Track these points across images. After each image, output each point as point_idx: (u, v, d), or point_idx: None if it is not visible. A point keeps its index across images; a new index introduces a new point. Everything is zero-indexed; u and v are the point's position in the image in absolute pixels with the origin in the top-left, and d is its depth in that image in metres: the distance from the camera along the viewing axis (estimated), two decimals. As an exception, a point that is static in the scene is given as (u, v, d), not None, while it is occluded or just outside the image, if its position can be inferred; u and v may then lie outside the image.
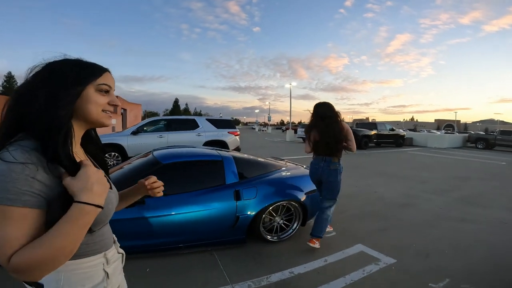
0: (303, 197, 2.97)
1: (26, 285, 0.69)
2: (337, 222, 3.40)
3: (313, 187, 3.02)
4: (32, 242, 0.56)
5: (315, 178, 2.86)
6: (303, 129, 19.53)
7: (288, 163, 3.78)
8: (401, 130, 18.82)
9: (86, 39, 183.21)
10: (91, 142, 0.83)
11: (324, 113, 2.76)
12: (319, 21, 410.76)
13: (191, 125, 8.08)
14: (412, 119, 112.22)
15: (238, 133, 8.64)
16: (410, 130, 29.47)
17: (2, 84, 37.68)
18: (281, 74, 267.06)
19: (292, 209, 2.97)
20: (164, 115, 78.35)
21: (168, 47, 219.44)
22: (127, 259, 0.95)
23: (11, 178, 0.55)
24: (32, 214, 0.58)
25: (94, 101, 0.69)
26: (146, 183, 0.99)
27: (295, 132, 21.68)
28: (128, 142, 7.31)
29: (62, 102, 0.63)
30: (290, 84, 22.95)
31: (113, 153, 7.15)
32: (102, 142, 0.89)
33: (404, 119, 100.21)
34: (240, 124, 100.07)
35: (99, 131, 0.92)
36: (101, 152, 0.88)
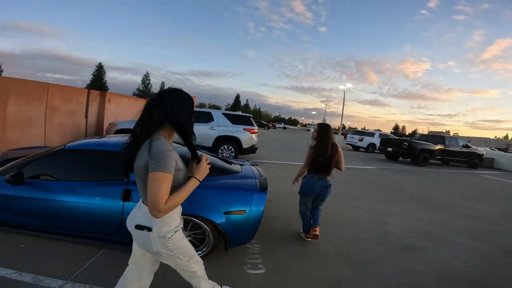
0: (219, 217, 2.26)
1: (137, 230, 1.34)
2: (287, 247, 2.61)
3: (242, 207, 2.31)
4: (172, 195, 1.23)
5: (311, 194, 3.00)
6: (358, 136, 17.33)
7: (249, 168, 3.12)
8: (479, 148, 15.09)
9: (165, 34, 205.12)
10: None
11: (328, 135, 2.90)
12: (396, 22, 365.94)
13: (207, 118, 7.87)
14: (507, 137, 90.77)
15: (255, 130, 8.08)
16: (500, 149, 23.61)
17: (93, 73, 45.07)
18: (347, 76, 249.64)
19: (203, 229, 2.31)
20: (225, 109, 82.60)
21: (235, 45, 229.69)
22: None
23: (170, 158, 1.23)
24: (171, 178, 1.23)
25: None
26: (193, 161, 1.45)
27: (345, 137, 19.74)
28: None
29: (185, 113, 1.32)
30: (345, 85, 21.00)
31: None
32: (122, 127, 4.28)
33: (496, 136, 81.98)
34: (299, 125, 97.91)
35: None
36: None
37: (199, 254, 2.30)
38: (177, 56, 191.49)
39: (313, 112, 69.61)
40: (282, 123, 61.54)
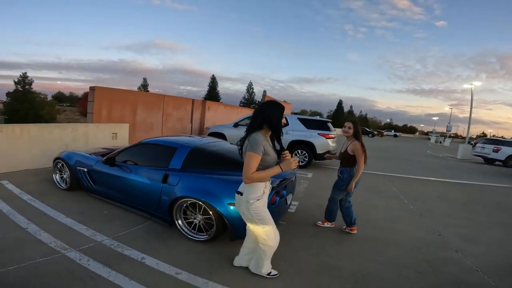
0: (222, 205, 2.49)
1: (236, 194, 1.98)
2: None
3: None
4: (258, 171, 1.82)
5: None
6: (492, 146, 13.45)
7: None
8: None
9: (266, 44, 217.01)
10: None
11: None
12: None
13: (283, 123, 8.09)
14: None
15: (331, 136, 7.68)
16: None
17: (209, 84, 52.88)
18: (488, 74, 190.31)
19: (211, 214, 2.57)
20: (327, 116, 79.95)
21: (333, 49, 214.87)
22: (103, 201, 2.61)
23: (259, 144, 1.81)
24: (258, 158, 1.80)
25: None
26: (283, 154, 1.94)
27: (473, 146, 15.42)
28: (229, 133, 8.54)
29: (277, 118, 1.90)
30: (472, 84, 16.46)
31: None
32: (213, 131, 3.84)
33: None
34: (417, 133, 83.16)
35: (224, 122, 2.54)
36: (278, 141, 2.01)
37: (205, 238, 2.60)
38: (279, 64, 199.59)
39: (435, 118, 56.95)
40: (393, 131, 53.82)
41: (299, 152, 7.71)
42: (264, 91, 61.21)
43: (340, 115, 67.33)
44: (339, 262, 2.54)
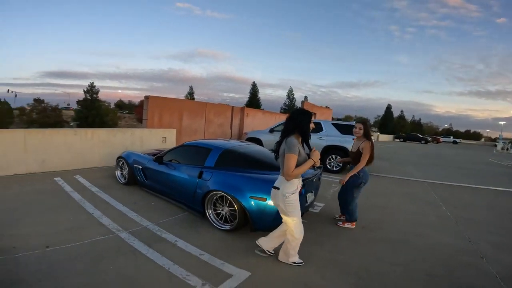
0: (244, 198, 2.86)
1: (273, 189, 2.33)
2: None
3: (263, 195, 2.78)
4: (296, 168, 2.17)
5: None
6: None
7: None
8: None
9: (306, 49, 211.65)
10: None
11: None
12: None
13: (317, 128, 8.20)
14: None
15: (367, 141, 7.53)
16: None
17: (250, 91, 53.76)
18: None
19: (235, 207, 2.95)
20: (374, 122, 75.18)
21: (379, 51, 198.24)
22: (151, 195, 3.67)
23: (295, 146, 2.19)
24: (296, 157, 2.17)
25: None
26: (310, 153, 2.31)
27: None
28: (265, 138, 8.94)
29: (306, 124, 2.28)
30: None
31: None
32: (250, 136, 5.00)
33: None
34: (483, 139, 73.11)
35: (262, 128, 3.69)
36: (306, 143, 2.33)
37: (229, 228, 2.99)
38: (321, 69, 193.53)
39: (502, 123, 49.53)
40: (452, 137, 48.31)
41: (333, 157, 7.73)
42: (305, 97, 60.14)
43: (389, 120, 62.83)
44: (349, 259, 2.70)
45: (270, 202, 2.70)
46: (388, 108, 64.65)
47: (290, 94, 54.91)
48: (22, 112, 34.14)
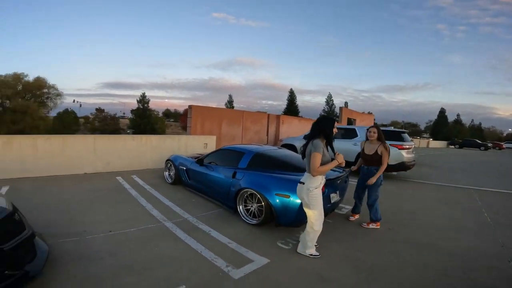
0: (271, 195, 3.23)
1: (299, 184, 2.70)
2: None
3: (287, 192, 3.10)
4: (321, 166, 2.53)
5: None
6: None
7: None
8: None
9: (344, 53, 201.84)
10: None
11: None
12: None
13: (351, 134, 8.22)
14: None
15: (405, 146, 7.32)
16: None
17: (287, 98, 53.25)
18: None
19: (263, 203, 3.32)
20: (426, 127, 69.17)
21: (427, 52, 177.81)
22: (193, 193, 4.60)
23: (320, 146, 2.55)
24: (320, 156, 2.53)
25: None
26: (335, 155, 2.65)
27: None
28: (299, 144, 9.20)
29: (329, 129, 2.65)
30: None
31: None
32: (285, 143, 5.93)
33: None
34: None
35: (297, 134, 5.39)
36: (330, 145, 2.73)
37: (256, 222, 3.39)
38: (361, 74, 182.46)
39: None
40: (519, 143, 42.18)
41: (368, 163, 7.65)
42: (345, 103, 58.43)
43: (443, 125, 57.17)
44: (366, 256, 2.87)
45: (293, 199, 3.02)
46: (442, 112, 59.10)
47: (329, 100, 53.77)
48: (87, 121, 39.09)
